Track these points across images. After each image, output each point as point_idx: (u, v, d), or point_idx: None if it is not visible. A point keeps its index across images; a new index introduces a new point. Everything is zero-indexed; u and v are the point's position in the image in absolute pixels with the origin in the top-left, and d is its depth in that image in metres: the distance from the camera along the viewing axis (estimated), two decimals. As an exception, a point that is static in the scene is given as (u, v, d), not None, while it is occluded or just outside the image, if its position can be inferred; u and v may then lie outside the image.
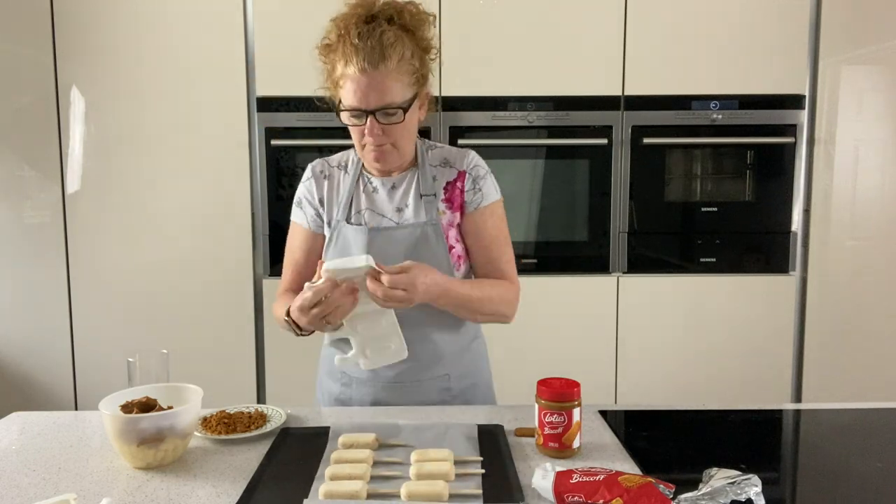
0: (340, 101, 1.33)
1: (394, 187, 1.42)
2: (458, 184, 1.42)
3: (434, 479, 1.02)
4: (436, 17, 1.38)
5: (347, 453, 1.11)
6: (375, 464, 1.09)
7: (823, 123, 2.49)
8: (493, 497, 0.98)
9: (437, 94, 2.36)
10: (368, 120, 1.30)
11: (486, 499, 0.98)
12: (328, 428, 1.22)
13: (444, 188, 1.41)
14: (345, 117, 1.34)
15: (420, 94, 1.37)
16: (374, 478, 1.04)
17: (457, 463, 1.08)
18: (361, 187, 1.44)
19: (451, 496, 0.98)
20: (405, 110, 1.31)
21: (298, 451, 1.15)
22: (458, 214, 1.42)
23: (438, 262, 1.36)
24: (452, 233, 1.41)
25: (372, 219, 1.41)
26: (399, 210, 1.41)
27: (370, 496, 0.99)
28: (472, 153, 1.45)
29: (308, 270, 1.44)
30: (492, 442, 1.16)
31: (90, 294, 2.48)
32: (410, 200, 1.40)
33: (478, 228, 1.42)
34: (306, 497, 0.99)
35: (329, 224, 1.43)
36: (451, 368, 1.43)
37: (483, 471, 1.06)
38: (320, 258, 1.41)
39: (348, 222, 1.41)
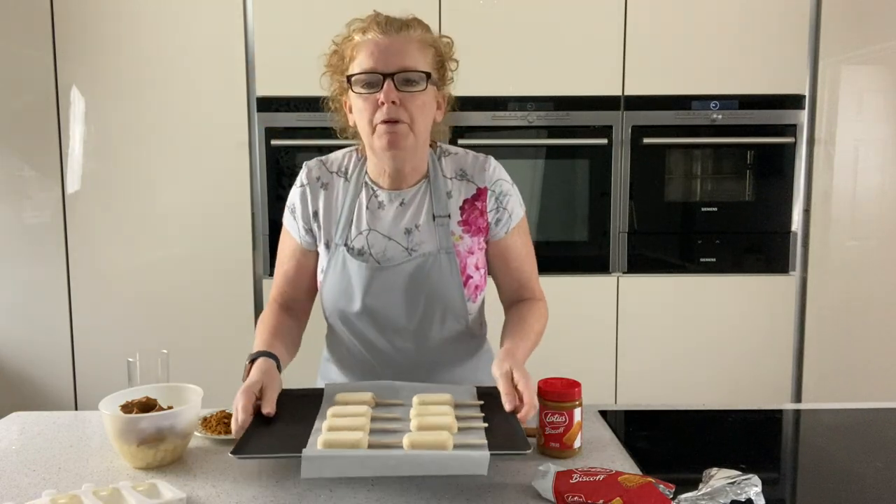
0: (350, 81, 1.21)
1: (403, 204, 1.28)
2: (479, 203, 1.29)
3: (437, 430, 1.02)
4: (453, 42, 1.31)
5: (344, 409, 1.11)
6: (374, 419, 1.09)
7: (823, 123, 2.48)
8: (498, 446, 0.98)
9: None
10: (385, 84, 1.16)
11: (491, 447, 0.98)
12: (322, 389, 1.21)
13: (461, 207, 1.28)
14: (356, 88, 1.20)
15: (439, 90, 1.27)
16: (374, 431, 1.03)
17: (458, 409, 1.08)
18: (365, 201, 1.29)
19: (457, 446, 0.98)
20: (428, 77, 1.19)
21: (291, 408, 1.15)
22: (478, 239, 1.29)
23: (450, 294, 1.27)
24: (472, 260, 1.28)
25: (378, 242, 1.26)
26: (408, 232, 1.27)
27: (371, 446, 0.98)
28: (492, 162, 1.32)
29: (299, 284, 1.35)
30: (493, 401, 1.15)
31: (90, 294, 2.48)
32: (422, 221, 1.27)
33: (507, 252, 1.33)
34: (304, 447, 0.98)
35: (326, 245, 1.30)
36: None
37: (486, 424, 1.06)
38: (315, 276, 1.34)
39: (348, 247, 1.27)
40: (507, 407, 1.09)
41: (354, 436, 0.99)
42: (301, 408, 1.15)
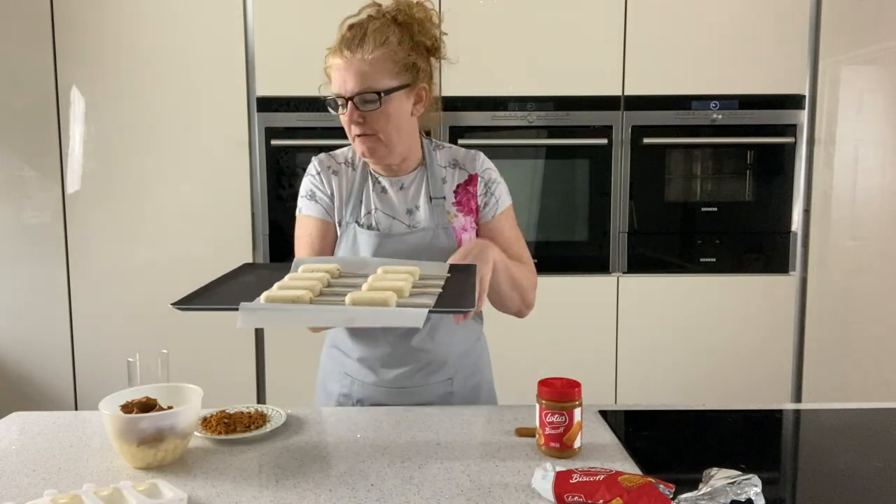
0: (326, 102, 1.34)
1: (402, 188, 1.40)
2: (470, 188, 1.41)
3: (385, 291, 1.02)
4: (440, 19, 1.38)
5: (303, 274, 1.13)
6: (331, 286, 1.11)
7: (823, 123, 2.48)
8: (441, 305, 0.99)
9: (435, 94, 2.36)
10: (348, 107, 1.29)
11: (435, 307, 0.99)
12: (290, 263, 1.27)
13: (455, 191, 1.40)
14: (332, 108, 1.34)
15: (413, 87, 1.33)
16: (324, 294, 1.05)
17: (421, 280, 1.10)
18: (371, 186, 1.41)
19: (399, 306, 0.98)
20: (380, 97, 1.28)
21: (256, 277, 1.19)
22: (471, 219, 1.41)
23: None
24: (466, 236, 1.40)
25: (384, 220, 1.39)
26: (410, 212, 1.39)
27: (313, 303, 0.99)
28: (482, 155, 1.45)
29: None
30: (461, 275, 1.17)
31: (90, 294, 2.48)
32: (421, 202, 1.39)
33: (496, 235, 1.41)
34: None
35: (339, 223, 1.41)
36: (454, 371, 1.43)
37: (440, 290, 1.07)
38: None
39: (358, 224, 1.39)
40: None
41: (297, 292, 0.99)
42: (264, 278, 1.18)
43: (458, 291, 1.08)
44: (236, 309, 1.00)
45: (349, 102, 1.29)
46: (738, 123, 2.48)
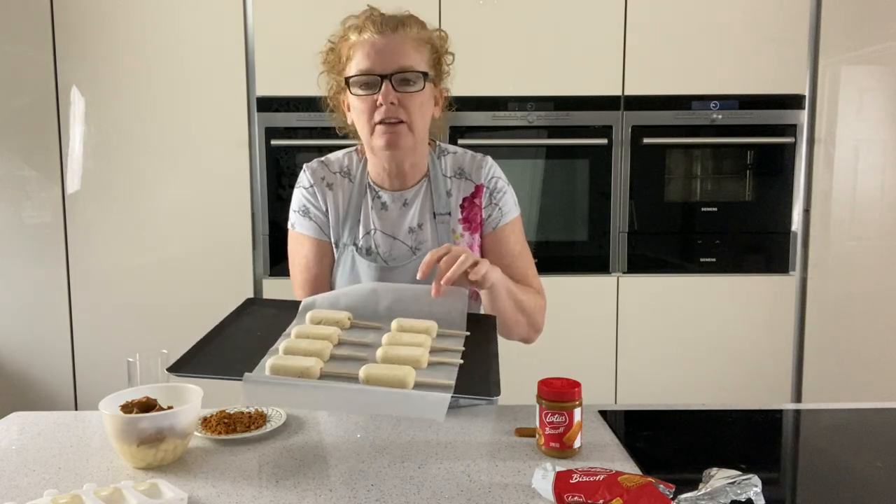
0: (348, 83, 1.22)
1: (406, 204, 1.30)
2: (476, 200, 1.31)
3: (402, 363, 0.95)
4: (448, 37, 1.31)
5: (311, 328, 1.04)
6: (341, 343, 1.03)
7: (823, 123, 2.48)
8: (464, 389, 0.91)
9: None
10: (383, 86, 1.17)
11: (458, 390, 0.91)
12: (299, 303, 1.18)
13: (461, 205, 1.31)
14: (354, 89, 1.21)
15: (436, 84, 1.27)
16: (334, 357, 0.97)
17: (437, 340, 1.02)
18: (370, 202, 1.31)
19: (418, 385, 0.90)
20: (425, 77, 1.20)
21: (260, 321, 1.11)
22: (477, 236, 1.32)
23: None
24: None
25: (383, 243, 1.30)
26: (412, 231, 1.30)
27: (324, 376, 0.91)
28: (489, 161, 1.35)
29: (329, 284, 1.33)
30: (480, 332, 1.10)
31: (90, 294, 2.48)
32: (426, 220, 1.30)
33: (499, 247, 1.33)
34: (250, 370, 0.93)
35: (336, 244, 1.32)
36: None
37: (461, 361, 1.00)
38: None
39: (356, 247, 1.30)
40: (419, 275, 1.10)
41: (306, 362, 0.91)
42: (269, 324, 1.10)
43: (480, 366, 0.99)
44: (239, 378, 0.92)
45: (384, 82, 1.17)
46: (738, 123, 2.48)
